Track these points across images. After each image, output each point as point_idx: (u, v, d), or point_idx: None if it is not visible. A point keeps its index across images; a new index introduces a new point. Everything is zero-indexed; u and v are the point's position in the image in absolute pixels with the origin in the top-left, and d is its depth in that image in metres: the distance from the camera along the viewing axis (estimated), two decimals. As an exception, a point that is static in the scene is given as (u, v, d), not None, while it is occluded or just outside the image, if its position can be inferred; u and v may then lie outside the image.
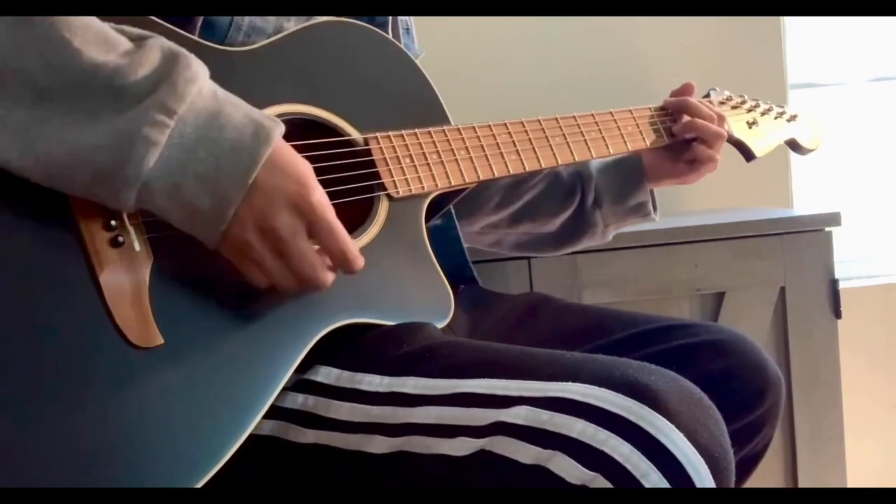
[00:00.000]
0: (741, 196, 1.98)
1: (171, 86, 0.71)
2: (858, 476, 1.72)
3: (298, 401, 0.83)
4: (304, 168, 0.77)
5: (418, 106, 0.99)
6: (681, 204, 1.96)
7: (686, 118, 1.20)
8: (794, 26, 2.10)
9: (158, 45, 0.73)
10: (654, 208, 1.28)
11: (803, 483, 1.59)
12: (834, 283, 1.60)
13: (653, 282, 1.58)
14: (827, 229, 1.61)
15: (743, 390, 0.99)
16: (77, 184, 0.70)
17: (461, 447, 0.73)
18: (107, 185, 0.70)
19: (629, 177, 1.24)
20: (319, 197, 0.77)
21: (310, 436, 0.82)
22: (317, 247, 0.79)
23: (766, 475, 1.58)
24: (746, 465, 1.02)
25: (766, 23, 2.01)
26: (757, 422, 1.00)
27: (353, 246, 0.81)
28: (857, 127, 2.20)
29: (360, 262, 0.81)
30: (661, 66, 1.97)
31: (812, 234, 1.61)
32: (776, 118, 1.34)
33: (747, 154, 1.28)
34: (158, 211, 0.73)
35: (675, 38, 1.99)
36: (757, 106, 1.32)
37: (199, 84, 0.73)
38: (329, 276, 0.80)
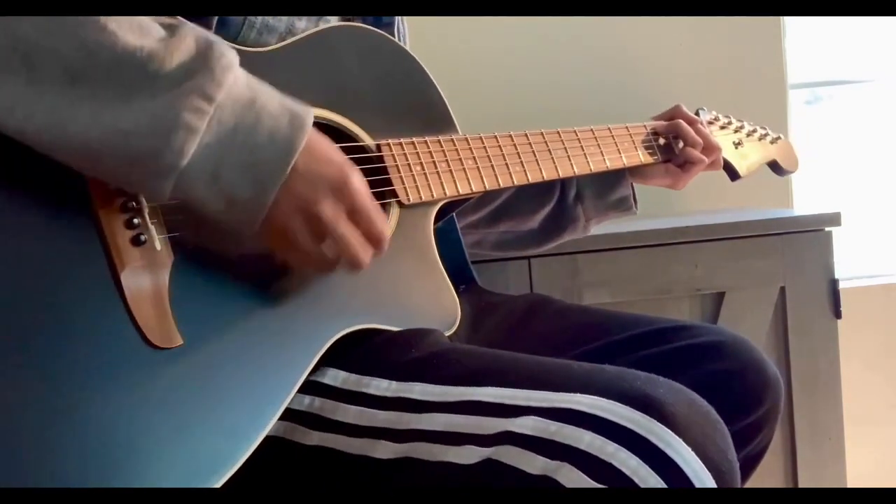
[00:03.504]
0: (741, 196, 1.97)
1: (209, 72, 0.70)
2: (858, 476, 1.72)
3: (305, 402, 0.83)
4: (340, 155, 0.78)
5: (427, 113, 1.00)
6: (681, 204, 1.97)
7: (683, 146, 1.23)
8: (794, 26, 2.10)
9: (192, 32, 0.72)
10: (635, 202, 1.28)
11: (803, 483, 1.60)
12: (834, 283, 1.60)
13: (653, 282, 1.58)
14: (827, 229, 1.61)
15: (742, 392, 0.99)
16: (110, 168, 0.69)
17: (468, 455, 0.73)
18: (141, 171, 0.69)
19: (611, 171, 1.25)
20: (359, 181, 0.78)
21: (315, 437, 0.82)
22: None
23: (766, 475, 1.58)
24: (746, 466, 1.02)
25: (766, 23, 2.01)
26: (756, 423, 1.00)
27: (388, 229, 0.82)
28: (857, 127, 2.21)
29: (387, 245, 0.83)
30: (661, 66, 1.97)
31: (812, 234, 1.60)
32: (760, 139, 1.37)
33: (733, 174, 1.31)
34: (196, 201, 0.71)
35: (675, 39, 1.99)
36: (742, 127, 1.36)
37: (235, 72, 0.72)
38: (368, 257, 0.81)
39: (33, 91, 0.67)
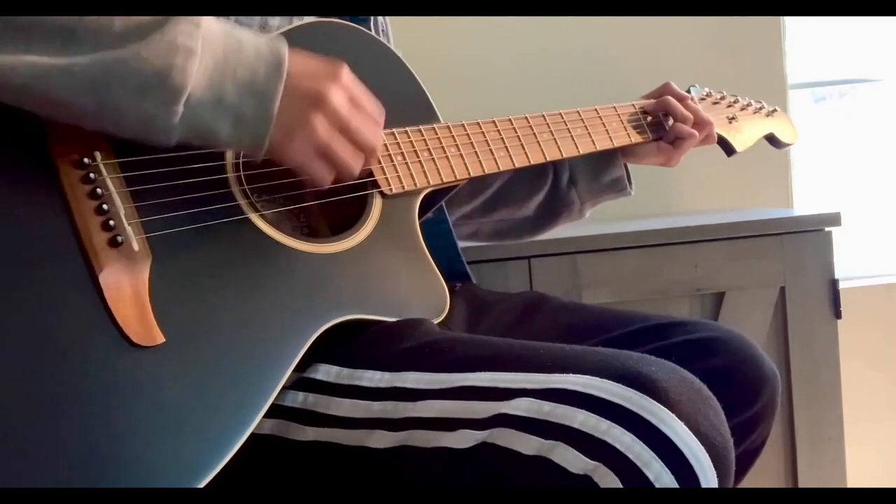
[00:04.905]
0: (741, 196, 1.98)
1: (185, 17, 0.74)
2: (858, 475, 1.72)
3: (298, 399, 0.83)
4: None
5: (408, 104, 1.00)
6: (681, 204, 1.97)
7: (672, 122, 1.21)
8: (794, 26, 2.10)
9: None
10: (630, 182, 1.28)
11: (803, 482, 1.59)
12: (834, 283, 1.60)
13: (653, 282, 1.57)
14: (827, 229, 1.61)
15: (740, 386, 0.99)
16: (119, 101, 0.72)
17: (463, 440, 0.73)
18: (151, 99, 0.72)
19: (603, 153, 1.23)
20: (349, 70, 0.83)
21: (310, 433, 0.82)
22: None
23: (766, 474, 1.58)
24: (744, 461, 1.02)
25: (766, 23, 2.01)
26: (754, 418, 1.00)
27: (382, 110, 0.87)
28: (857, 127, 2.21)
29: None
30: (662, 66, 1.97)
31: (812, 234, 1.60)
32: (755, 113, 1.35)
33: (728, 149, 1.29)
34: (205, 130, 0.75)
35: (675, 38, 2.00)
36: (736, 101, 1.34)
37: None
38: (380, 141, 0.86)
39: (34, 51, 0.70)
